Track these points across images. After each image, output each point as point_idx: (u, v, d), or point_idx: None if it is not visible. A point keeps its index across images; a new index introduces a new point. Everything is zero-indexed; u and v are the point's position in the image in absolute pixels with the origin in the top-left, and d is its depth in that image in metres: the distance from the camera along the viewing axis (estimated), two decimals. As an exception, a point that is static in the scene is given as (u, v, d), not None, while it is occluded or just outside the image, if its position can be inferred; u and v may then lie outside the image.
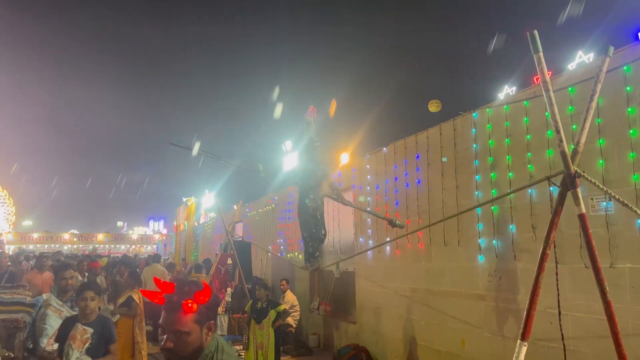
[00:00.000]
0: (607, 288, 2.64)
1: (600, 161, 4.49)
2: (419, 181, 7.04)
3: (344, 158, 10.43)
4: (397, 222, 6.02)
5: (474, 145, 6.05)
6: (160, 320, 1.93)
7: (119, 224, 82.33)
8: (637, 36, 13.37)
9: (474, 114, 6.12)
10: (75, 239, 62.13)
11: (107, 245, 61.32)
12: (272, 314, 7.70)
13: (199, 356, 1.93)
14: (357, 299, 8.72)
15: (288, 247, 12.14)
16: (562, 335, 2.97)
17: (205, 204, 31.03)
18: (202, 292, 1.93)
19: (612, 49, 2.79)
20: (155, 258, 13.61)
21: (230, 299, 11.01)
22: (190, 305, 1.88)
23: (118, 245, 63.86)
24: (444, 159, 6.41)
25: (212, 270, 9.83)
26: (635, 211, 2.62)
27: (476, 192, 5.94)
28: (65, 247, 51.68)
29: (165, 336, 1.90)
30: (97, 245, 59.68)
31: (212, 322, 2.01)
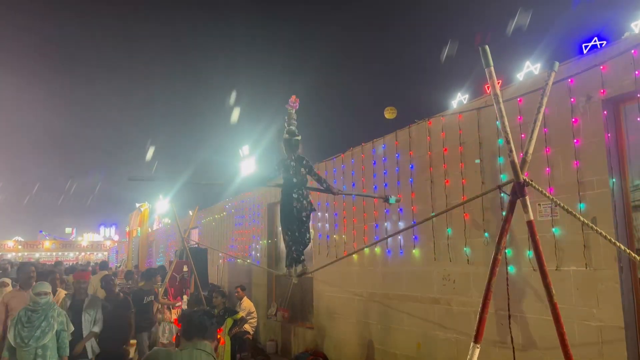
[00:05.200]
0: (554, 291, 2.76)
1: (547, 169, 4.70)
2: (375, 187, 7.15)
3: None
4: (391, 197, 5.58)
5: (429, 152, 6.21)
6: None
7: (68, 230, 79.11)
8: (581, 48, 14.05)
9: (428, 122, 6.28)
10: (20, 247, 59.28)
11: (54, 253, 58.77)
12: (229, 321, 7.63)
13: None
14: (315, 304, 8.74)
15: (244, 253, 12.04)
16: (512, 337, 3.09)
17: (159, 210, 30.36)
18: None
19: (557, 64, 2.93)
20: (102, 265, 13.58)
21: (186, 307, 10.80)
22: None
23: (66, 253, 61.36)
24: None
25: (166, 278, 9.59)
26: (578, 218, 2.76)
27: (431, 198, 6.09)
28: (9, 255, 49.24)
29: None
30: (42, 253, 57.20)
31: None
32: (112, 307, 6.75)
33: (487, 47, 2.60)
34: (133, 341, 7.79)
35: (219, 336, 7.58)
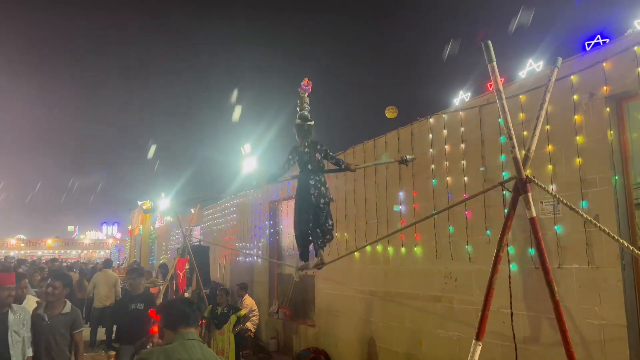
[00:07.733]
0: (556, 288, 2.75)
1: (549, 166, 4.69)
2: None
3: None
4: (407, 157, 5.23)
5: (430, 150, 6.19)
6: None
7: (70, 228, 79.20)
8: (584, 46, 13.99)
9: (430, 120, 6.26)
10: (22, 244, 59.43)
11: (56, 251, 58.89)
12: (233, 319, 7.64)
13: None
14: (317, 302, 8.74)
15: (247, 249, 12.05)
16: (514, 335, 3.08)
17: (161, 208, 30.39)
18: None
19: (560, 60, 2.91)
20: (106, 263, 13.55)
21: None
22: None
23: (69, 251, 61.52)
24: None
25: (168, 276, 9.60)
26: (582, 214, 2.75)
27: (433, 196, 6.07)
28: (12, 253, 49.39)
29: None
30: (45, 251, 57.34)
31: None
32: (51, 320, 4.90)
33: (489, 42, 2.58)
34: (112, 353, 7.24)
35: (221, 332, 7.57)
